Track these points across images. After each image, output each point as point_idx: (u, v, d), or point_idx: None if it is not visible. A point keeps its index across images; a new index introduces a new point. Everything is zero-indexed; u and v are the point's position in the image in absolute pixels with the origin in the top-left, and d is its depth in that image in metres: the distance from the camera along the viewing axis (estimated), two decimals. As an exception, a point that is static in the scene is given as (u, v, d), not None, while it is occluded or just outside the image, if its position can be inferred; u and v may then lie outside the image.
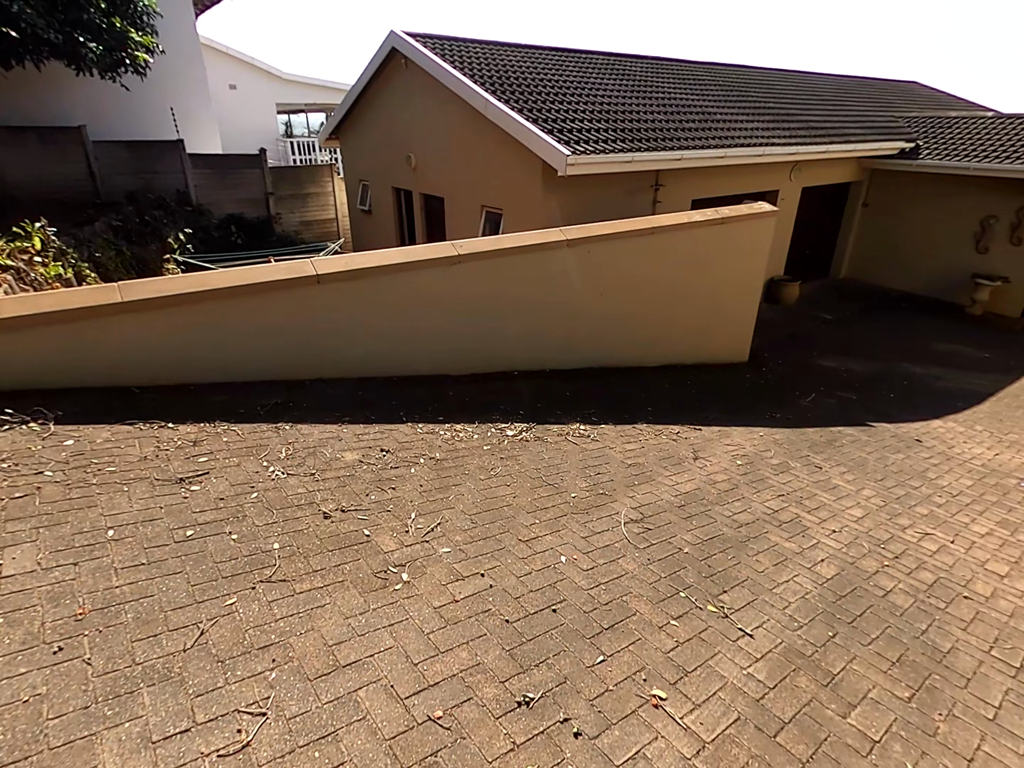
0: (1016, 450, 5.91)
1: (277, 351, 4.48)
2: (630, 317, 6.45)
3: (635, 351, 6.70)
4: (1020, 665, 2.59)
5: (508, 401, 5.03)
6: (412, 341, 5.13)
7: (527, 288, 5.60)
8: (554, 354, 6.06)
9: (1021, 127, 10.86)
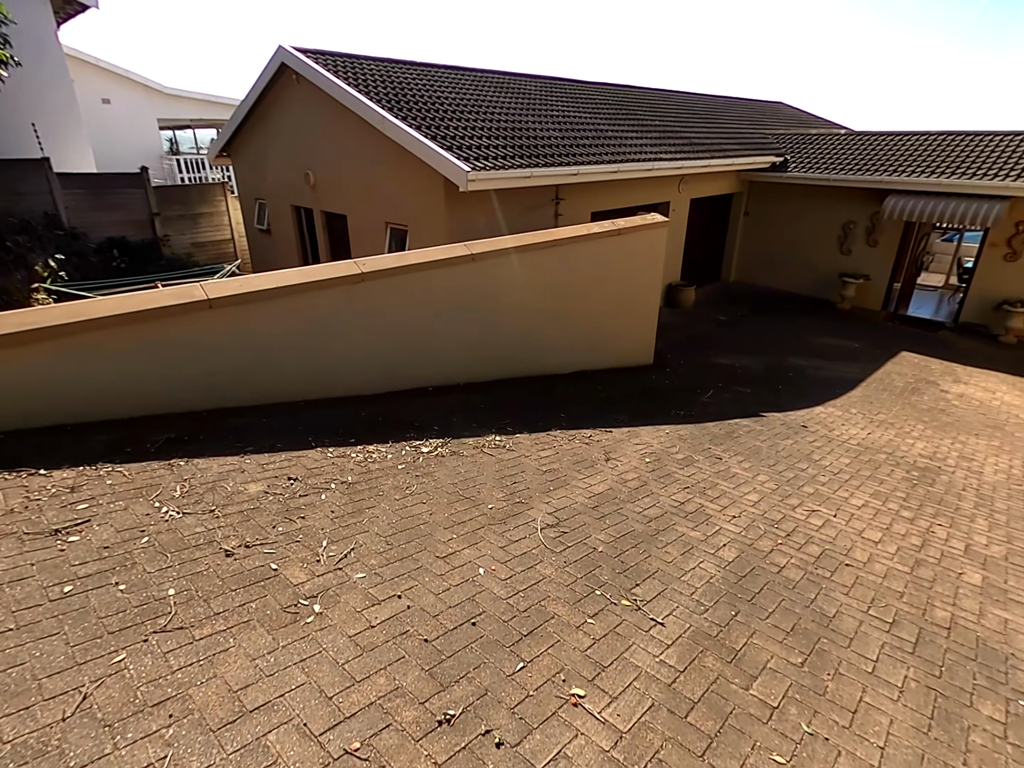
0: (884, 428, 6.62)
1: (168, 383, 4.19)
2: (541, 327, 6.62)
3: (547, 360, 6.87)
4: (892, 620, 2.89)
5: (423, 418, 4.98)
6: (319, 363, 4.97)
7: (436, 304, 5.60)
8: (469, 368, 6.09)
9: (869, 142, 12.31)
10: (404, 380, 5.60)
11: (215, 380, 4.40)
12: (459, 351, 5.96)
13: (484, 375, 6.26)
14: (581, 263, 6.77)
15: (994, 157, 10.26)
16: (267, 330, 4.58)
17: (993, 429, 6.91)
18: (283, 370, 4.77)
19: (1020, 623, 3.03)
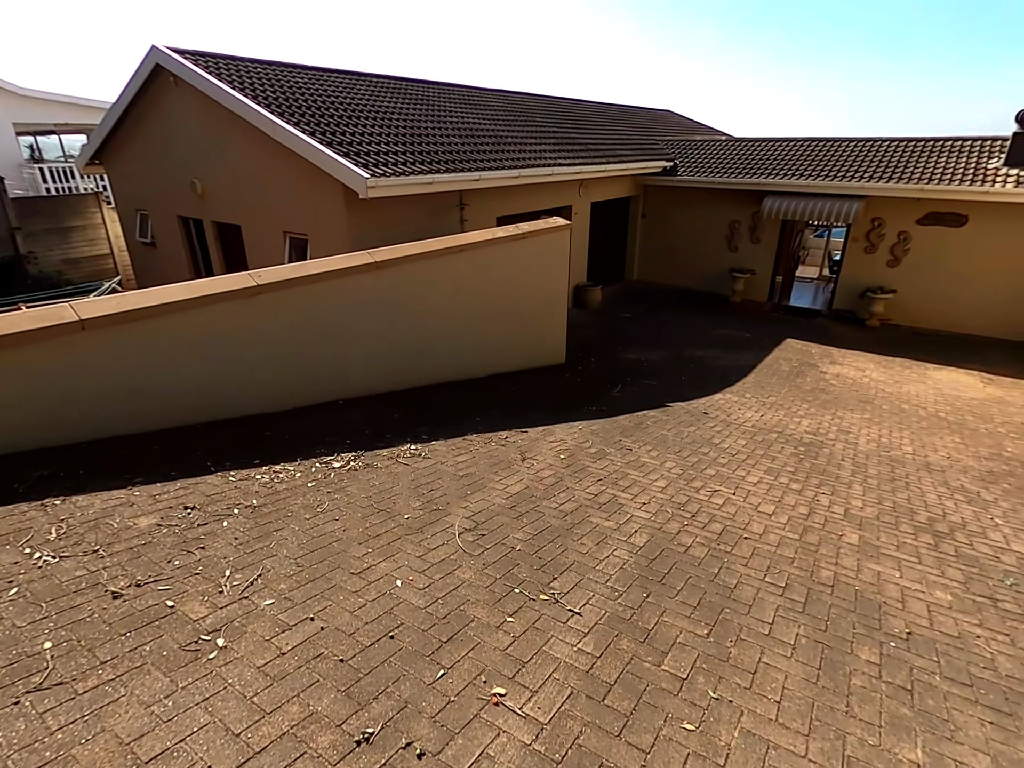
0: (775, 410, 7.19)
1: (38, 415, 3.78)
2: (452, 333, 6.61)
3: (461, 365, 6.87)
4: (785, 584, 3.16)
5: (334, 432, 4.83)
6: (215, 383, 4.67)
7: (340, 315, 5.45)
8: (380, 378, 5.97)
9: (748, 148, 13.38)
10: (311, 395, 5.39)
11: (94, 408, 4.02)
12: (369, 361, 5.83)
13: (397, 384, 6.16)
14: (489, 267, 6.85)
15: (851, 161, 11.48)
16: (153, 350, 4.25)
17: (864, 403, 7.70)
18: (175, 392, 4.44)
19: (891, 574, 3.40)
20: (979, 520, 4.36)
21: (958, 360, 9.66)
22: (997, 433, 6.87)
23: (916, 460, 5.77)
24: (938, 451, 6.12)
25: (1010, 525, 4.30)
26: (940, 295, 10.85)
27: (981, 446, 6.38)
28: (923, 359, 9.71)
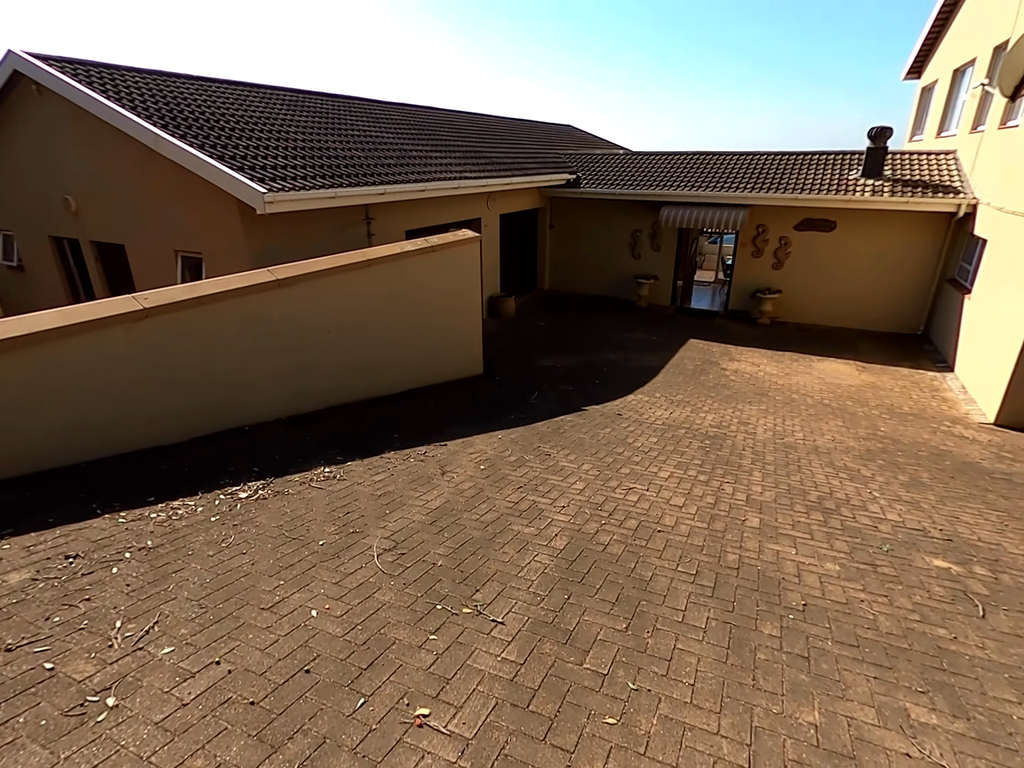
0: (682, 407, 7.60)
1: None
2: (364, 350, 6.46)
3: (376, 382, 6.72)
4: (696, 571, 3.33)
5: (240, 460, 4.56)
6: (100, 416, 4.28)
7: (241, 336, 5.18)
8: (289, 400, 5.72)
9: (644, 161, 14.15)
10: (214, 422, 5.07)
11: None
12: (275, 384, 5.57)
13: (308, 405, 5.93)
14: (399, 281, 6.76)
15: (736, 173, 12.45)
16: (20, 385, 3.83)
17: (760, 396, 8.32)
18: (50, 431, 4.02)
19: (788, 552, 3.68)
20: (860, 495, 4.82)
21: (837, 352, 10.67)
22: (872, 415, 7.65)
23: (806, 445, 6.30)
24: (824, 435, 6.72)
25: (885, 497, 4.79)
26: (818, 293, 11.96)
27: (859, 428, 7.07)
28: (808, 352, 10.63)
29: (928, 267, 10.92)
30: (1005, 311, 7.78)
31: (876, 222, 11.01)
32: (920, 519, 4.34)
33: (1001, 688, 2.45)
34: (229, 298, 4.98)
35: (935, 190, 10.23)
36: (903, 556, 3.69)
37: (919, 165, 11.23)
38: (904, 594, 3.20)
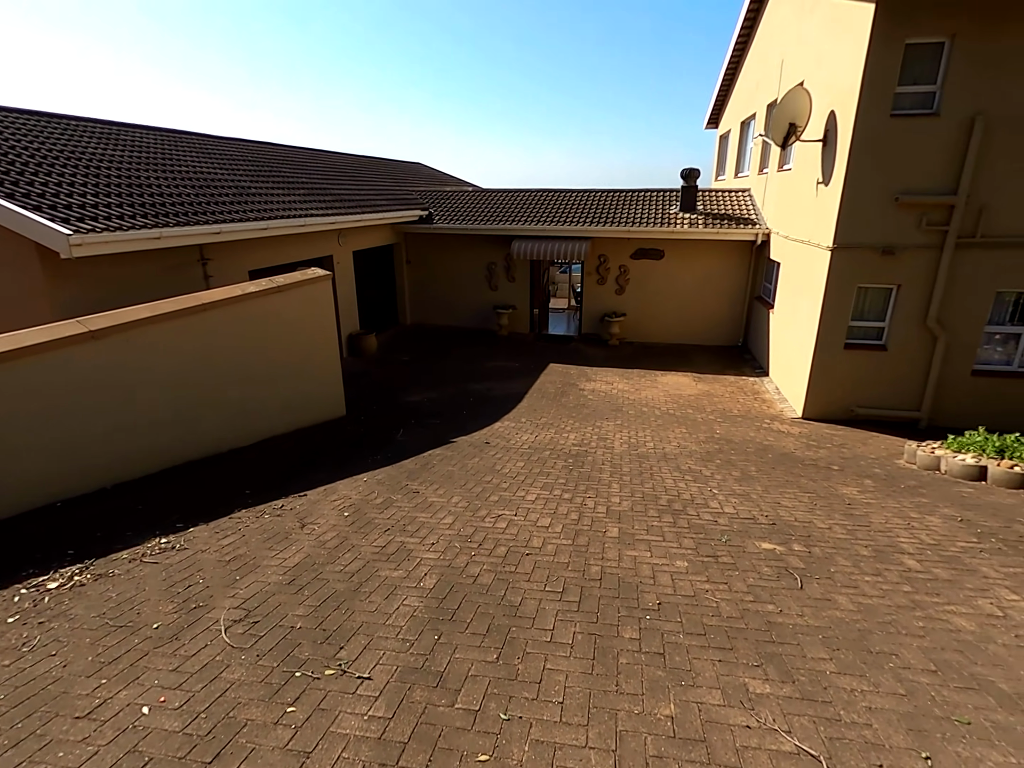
0: (547, 429, 7.92)
1: None
2: (207, 401, 5.90)
3: (223, 435, 6.16)
4: (562, 589, 3.45)
5: (50, 542, 3.90)
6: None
7: (50, 395, 4.48)
8: (116, 466, 5.03)
9: (494, 198, 14.80)
10: (16, 501, 4.29)
11: None
12: (97, 448, 4.88)
13: (142, 468, 5.26)
14: (244, 325, 6.32)
15: (578, 208, 13.50)
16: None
17: (616, 411, 8.95)
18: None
19: (644, 556, 3.95)
20: (702, 494, 5.34)
21: (677, 365, 11.86)
22: (709, 420, 8.58)
23: (656, 453, 6.87)
24: (671, 442, 7.39)
25: (723, 493, 5.36)
26: (655, 315, 13.27)
27: (700, 432, 7.88)
28: (653, 368, 11.70)
29: (740, 287, 12.64)
30: (799, 321, 9.22)
31: (696, 250, 12.55)
32: (750, 508, 4.91)
33: (817, 648, 2.82)
34: (23, 356, 4.29)
35: (738, 222, 11.93)
36: (738, 544, 4.14)
37: (724, 201, 13.05)
38: (740, 579, 3.59)
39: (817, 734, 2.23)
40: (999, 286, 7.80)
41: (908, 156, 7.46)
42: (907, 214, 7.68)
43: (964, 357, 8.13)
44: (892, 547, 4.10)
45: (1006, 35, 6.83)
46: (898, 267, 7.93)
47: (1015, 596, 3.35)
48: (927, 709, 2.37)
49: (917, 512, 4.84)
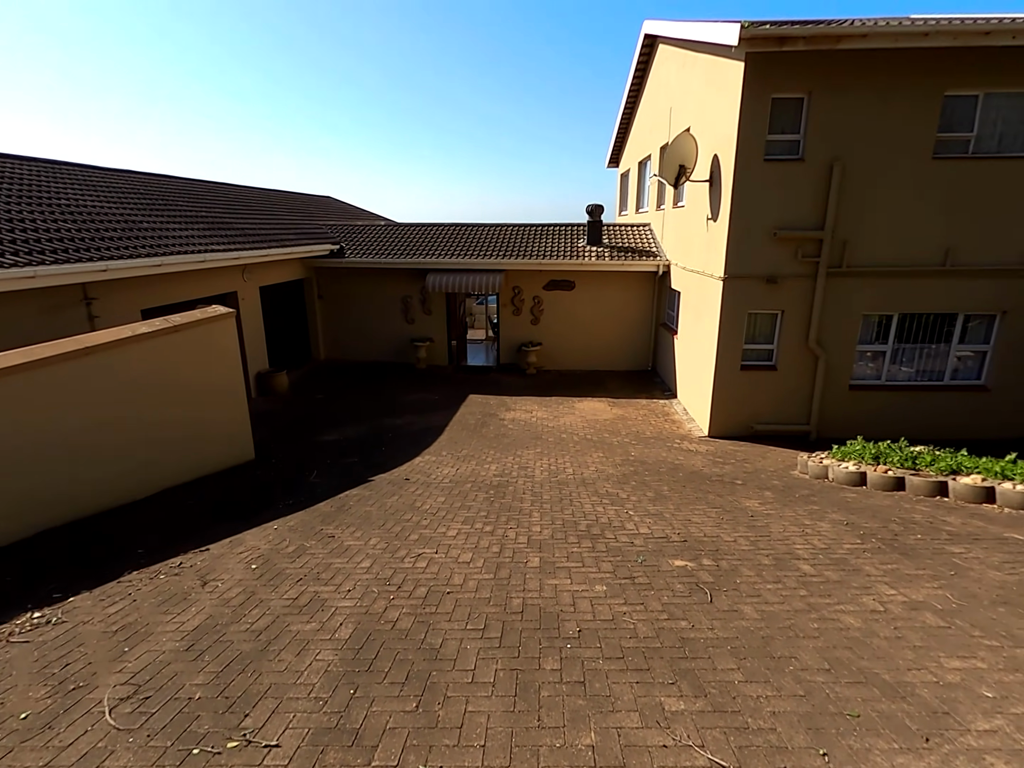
0: (467, 461, 7.88)
1: None
2: (97, 451, 5.38)
3: (112, 489, 5.62)
4: (484, 625, 3.41)
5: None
6: None
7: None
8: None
9: (407, 232, 14.84)
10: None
11: None
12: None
13: (11, 534, 4.68)
14: (135, 368, 5.87)
15: (491, 241, 13.81)
16: None
17: (535, 440, 9.07)
18: None
19: (564, 584, 4.00)
20: (619, 516, 5.50)
21: (592, 391, 12.26)
22: (624, 443, 8.90)
23: (576, 478, 7.02)
24: (590, 467, 7.58)
25: (638, 514, 5.55)
26: (570, 343, 13.71)
27: (616, 456, 8.15)
28: (570, 395, 12.01)
29: (646, 315, 13.36)
30: (700, 345, 9.86)
31: (604, 281, 13.17)
32: (664, 527, 5.12)
33: (726, 660, 2.96)
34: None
35: (641, 255, 12.69)
36: (653, 564, 4.29)
37: (627, 235, 13.84)
38: (655, 598, 3.71)
39: (728, 745, 2.32)
40: (864, 310, 8.77)
41: (782, 196, 8.30)
42: (785, 247, 8.51)
43: (842, 373, 9.01)
44: (790, 554, 4.41)
45: (850, 94, 7.86)
46: (781, 294, 8.73)
47: (893, 591, 3.70)
48: (823, 707, 2.54)
49: (810, 519, 5.24)
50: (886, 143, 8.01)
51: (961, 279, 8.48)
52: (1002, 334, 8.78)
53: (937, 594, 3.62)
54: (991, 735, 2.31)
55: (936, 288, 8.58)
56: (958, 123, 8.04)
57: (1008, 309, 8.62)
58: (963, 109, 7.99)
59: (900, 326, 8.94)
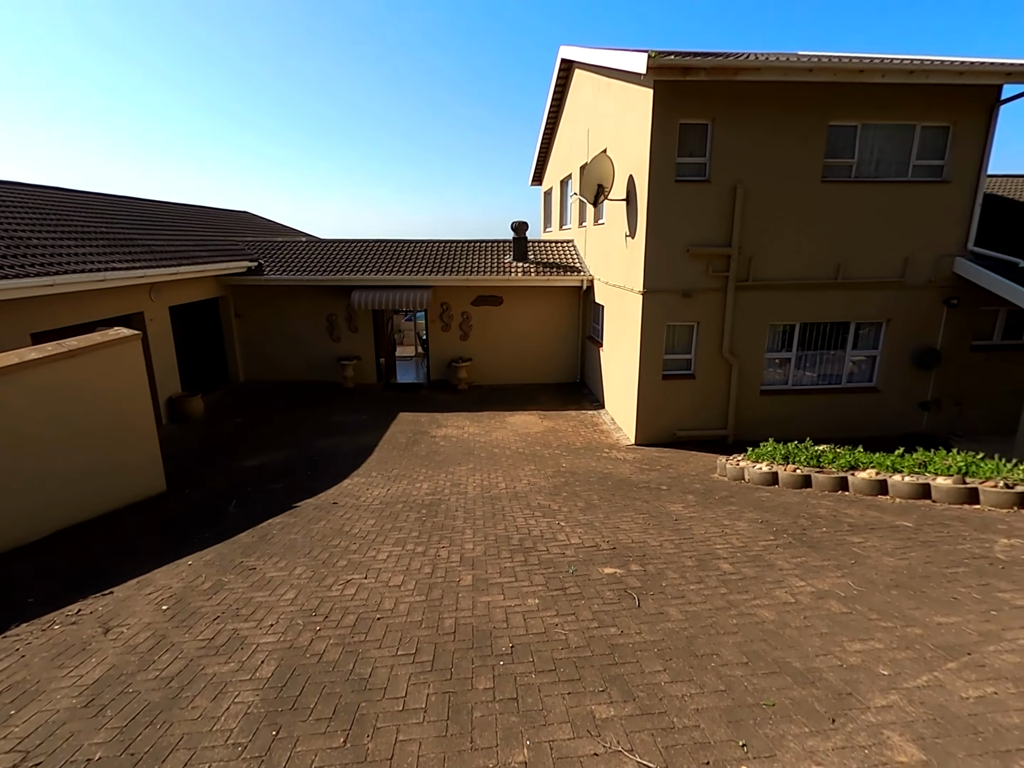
0: (399, 481, 7.72)
1: None
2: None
3: (3, 529, 5.07)
4: (415, 650, 3.33)
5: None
6: None
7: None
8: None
9: (331, 248, 14.48)
10: None
11: None
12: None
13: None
14: (23, 397, 5.36)
15: (418, 258, 13.73)
16: None
17: (468, 456, 9.04)
18: None
19: (497, 600, 3.99)
20: (551, 528, 5.57)
21: (524, 405, 12.39)
22: (555, 455, 9.04)
23: (508, 492, 7.04)
24: (522, 480, 7.63)
25: (569, 524, 5.64)
26: (501, 357, 13.82)
27: (548, 468, 8.26)
28: (501, 409, 12.08)
29: (573, 328, 13.71)
30: (624, 357, 10.22)
31: (532, 296, 13.40)
32: (594, 536, 5.23)
33: (653, 662, 3.05)
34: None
35: (566, 270, 13.03)
36: (584, 573, 4.37)
37: (552, 251, 14.19)
38: (586, 607, 3.77)
39: (655, 746, 2.39)
40: (770, 320, 9.43)
41: (693, 214, 8.82)
42: (698, 263, 9.02)
43: (753, 380, 9.62)
44: (711, 554, 4.62)
45: (749, 122, 8.51)
46: (696, 307, 9.23)
47: (802, 583, 3.96)
48: (742, 699, 2.67)
49: (729, 519, 5.53)
50: (782, 167, 8.71)
51: (852, 291, 9.31)
52: (888, 340, 9.70)
53: (840, 582, 3.91)
54: (887, 710, 2.51)
55: (831, 299, 9.37)
56: (841, 150, 8.88)
57: (892, 317, 9.54)
58: (845, 138, 8.84)
59: (802, 335, 9.68)
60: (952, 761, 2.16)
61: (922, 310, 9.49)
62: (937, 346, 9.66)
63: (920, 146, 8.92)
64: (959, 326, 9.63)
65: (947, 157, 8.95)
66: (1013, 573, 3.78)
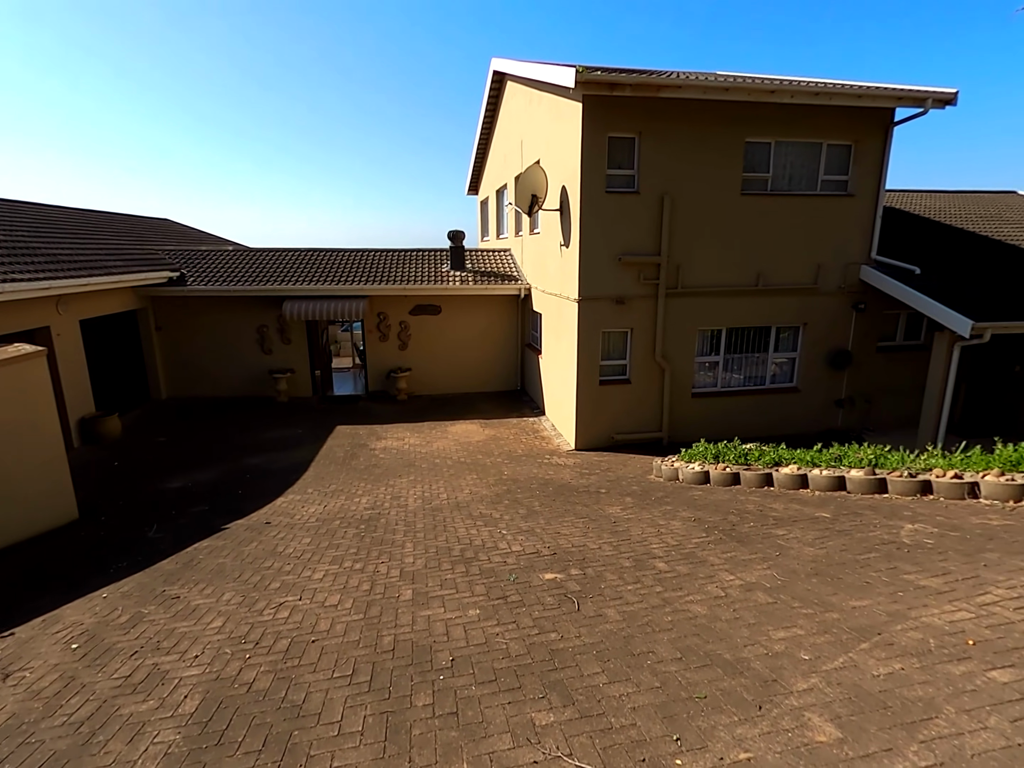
0: (337, 497, 7.49)
1: None
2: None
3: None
4: (352, 671, 3.23)
5: None
6: None
7: None
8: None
9: (260, 257, 13.93)
10: None
11: None
12: None
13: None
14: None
15: (353, 267, 13.44)
16: None
17: (408, 467, 8.89)
18: None
19: (438, 613, 3.93)
20: (492, 537, 5.55)
21: (465, 414, 12.34)
22: (497, 463, 9.04)
23: (450, 503, 6.98)
24: (464, 490, 7.58)
25: (511, 532, 5.65)
26: (441, 366, 13.72)
27: (489, 476, 8.24)
28: (442, 419, 11.98)
29: (512, 336, 13.81)
30: (562, 364, 10.38)
31: (470, 304, 13.41)
32: (535, 543, 5.26)
33: (592, 664, 3.09)
34: None
35: (503, 279, 13.12)
36: (525, 580, 4.38)
37: (489, 260, 14.26)
38: (527, 614, 3.78)
39: (594, 748, 2.42)
40: (699, 326, 9.85)
41: (624, 224, 9.10)
42: (630, 271, 9.31)
43: (685, 383, 10.00)
44: (647, 554, 4.74)
45: (672, 136, 8.90)
46: (630, 314, 9.52)
47: (732, 576, 4.13)
48: (676, 694, 2.74)
49: (664, 519, 5.70)
50: (705, 180, 9.15)
51: (771, 297, 9.88)
52: (805, 343, 10.35)
53: (766, 574, 4.10)
54: (808, 693, 2.65)
55: (753, 305, 9.90)
56: (758, 165, 9.44)
57: (808, 321, 10.19)
58: (761, 153, 9.40)
59: (729, 339, 10.16)
60: (865, 736, 2.30)
61: (834, 314, 10.19)
62: (848, 347, 10.39)
63: (827, 162, 9.61)
64: (867, 328, 10.40)
65: (851, 172, 9.69)
66: (917, 556, 4.09)
